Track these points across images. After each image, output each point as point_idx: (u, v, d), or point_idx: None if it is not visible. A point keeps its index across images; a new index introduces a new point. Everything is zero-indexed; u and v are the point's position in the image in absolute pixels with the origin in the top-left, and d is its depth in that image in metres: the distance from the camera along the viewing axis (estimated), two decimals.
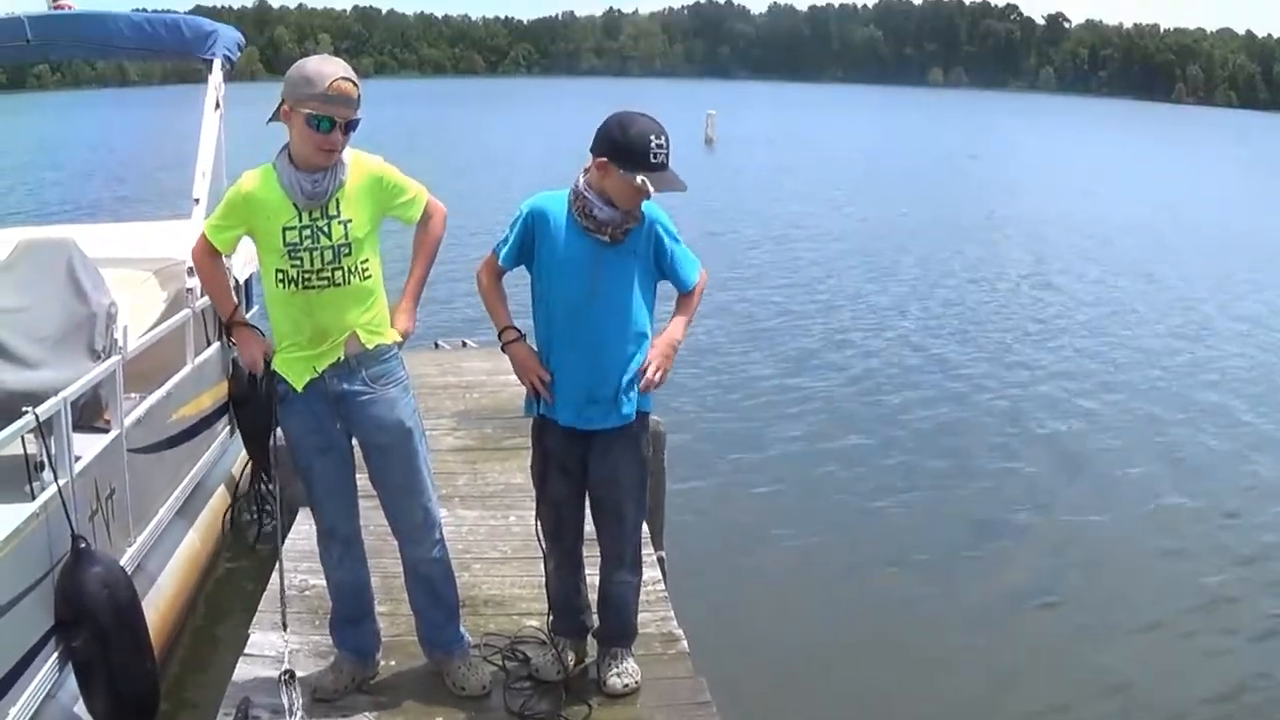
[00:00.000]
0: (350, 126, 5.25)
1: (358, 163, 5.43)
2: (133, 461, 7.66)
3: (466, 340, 14.97)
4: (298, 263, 5.32)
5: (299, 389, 5.50)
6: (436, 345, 14.34)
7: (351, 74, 5.25)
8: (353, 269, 5.36)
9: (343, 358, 5.44)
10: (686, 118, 55.40)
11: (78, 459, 6.65)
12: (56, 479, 6.20)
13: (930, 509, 12.21)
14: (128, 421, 7.61)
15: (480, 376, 12.03)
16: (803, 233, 31.46)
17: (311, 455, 5.59)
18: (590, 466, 5.80)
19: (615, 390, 5.61)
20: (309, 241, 5.31)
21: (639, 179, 5.31)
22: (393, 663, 6.19)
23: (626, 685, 6.00)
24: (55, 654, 6.21)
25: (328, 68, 5.21)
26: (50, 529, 6.14)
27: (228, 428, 10.38)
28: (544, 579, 6.22)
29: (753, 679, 8.27)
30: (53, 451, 6.27)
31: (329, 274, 5.34)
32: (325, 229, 5.31)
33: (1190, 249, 31.00)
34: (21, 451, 6.22)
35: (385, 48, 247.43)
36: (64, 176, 41.72)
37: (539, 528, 6.05)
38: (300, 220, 5.31)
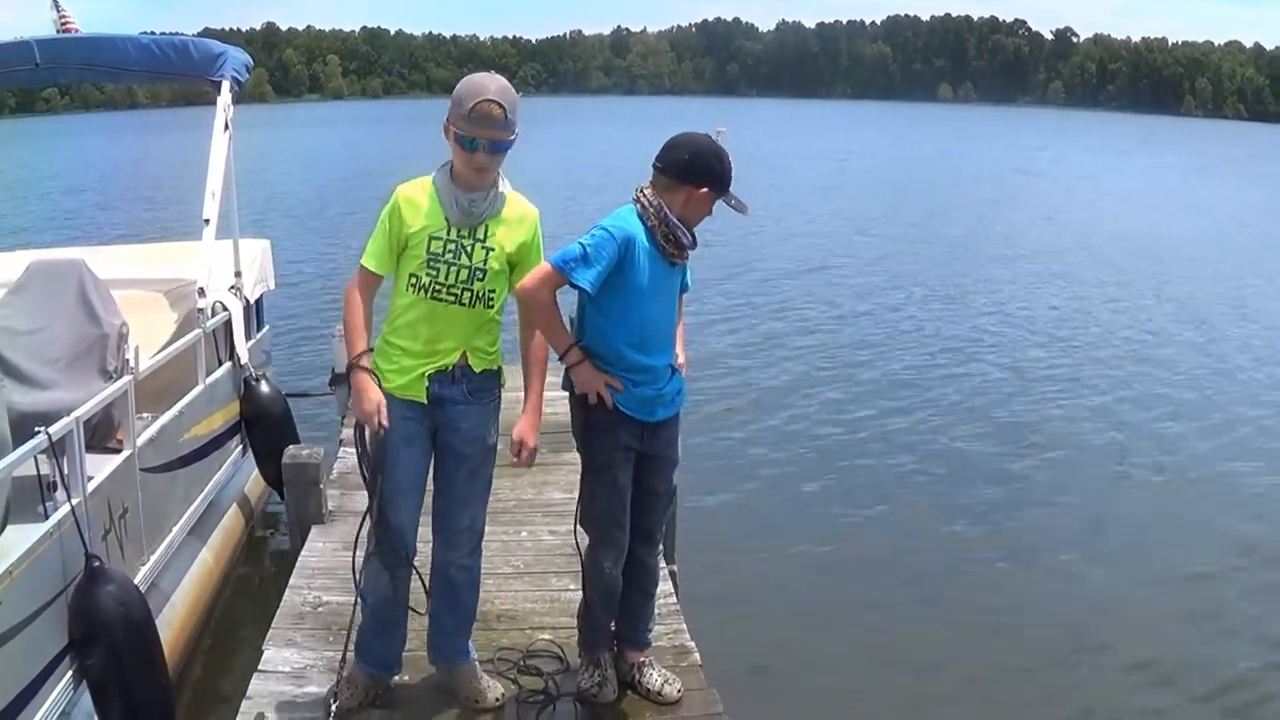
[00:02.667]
0: (496, 147, 5.36)
1: (516, 202, 5.62)
2: (145, 480, 7.67)
3: None
4: (434, 273, 5.48)
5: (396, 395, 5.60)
6: None
7: (502, 95, 5.31)
8: (480, 294, 5.52)
9: (450, 367, 5.57)
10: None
11: (90, 479, 6.66)
12: (70, 498, 6.23)
13: (945, 523, 12.19)
14: (140, 441, 7.62)
15: None
16: (843, 250, 31.32)
17: (400, 445, 5.60)
18: (660, 453, 5.98)
19: (673, 385, 5.90)
20: (450, 256, 5.48)
21: (734, 201, 5.70)
22: (406, 677, 6.21)
23: (680, 690, 6.14)
24: (70, 673, 6.23)
25: (476, 87, 5.31)
26: (64, 548, 6.16)
27: (240, 447, 10.39)
28: (581, 592, 6.24)
29: (765, 691, 8.28)
30: (65, 471, 6.29)
31: (458, 292, 5.49)
32: (469, 249, 5.49)
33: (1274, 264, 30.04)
34: (35, 472, 6.26)
35: (394, 68, 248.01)
36: (74, 199, 41.82)
37: (589, 530, 6.06)
38: (447, 234, 5.49)
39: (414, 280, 5.49)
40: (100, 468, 7.02)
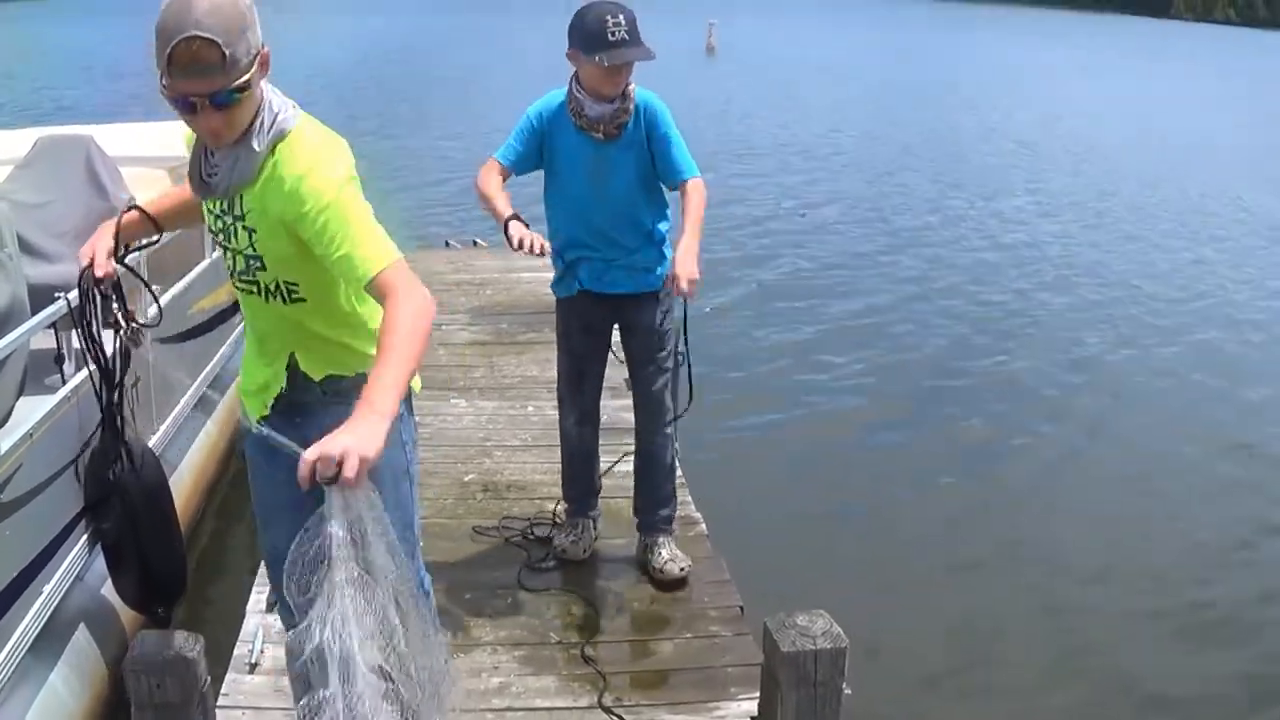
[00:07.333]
0: (220, 100, 3.31)
1: (286, 157, 3.50)
2: (155, 351, 7.73)
3: (477, 239, 15.07)
4: (226, 258, 3.85)
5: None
6: (447, 244, 14.47)
7: (213, 20, 3.18)
8: (274, 289, 3.72)
9: (283, 382, 3.94)
10: (688, 27, 57.50)
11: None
12: (86, 363, 6.31)
13: (962, 402, 12.31)
14: (150, 312, 7.66)
15: (493, 274, 12.24)
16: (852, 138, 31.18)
17: None
18: (633, 324, 5.94)
19: (634, 260, 5.77)
20: (224, 238, 3.77)
21: (597, 57, 5.33)
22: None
23: (683, 569, 6.18)
24: (85, 536, 6.34)
25: (172, 18, 3.20)
26: (81, 414, 6.24)
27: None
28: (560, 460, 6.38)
29: (769, 558, 8.32)
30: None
31: (247, 284, 3.77)
32: (234, 229, 3.68)
33: None
34: (53, 339, 6.34)
35: None
36: (80, 80, 41.34)
37: (560, 391, 6.20)
38: (215, 208, 3.76)
39: None
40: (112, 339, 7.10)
